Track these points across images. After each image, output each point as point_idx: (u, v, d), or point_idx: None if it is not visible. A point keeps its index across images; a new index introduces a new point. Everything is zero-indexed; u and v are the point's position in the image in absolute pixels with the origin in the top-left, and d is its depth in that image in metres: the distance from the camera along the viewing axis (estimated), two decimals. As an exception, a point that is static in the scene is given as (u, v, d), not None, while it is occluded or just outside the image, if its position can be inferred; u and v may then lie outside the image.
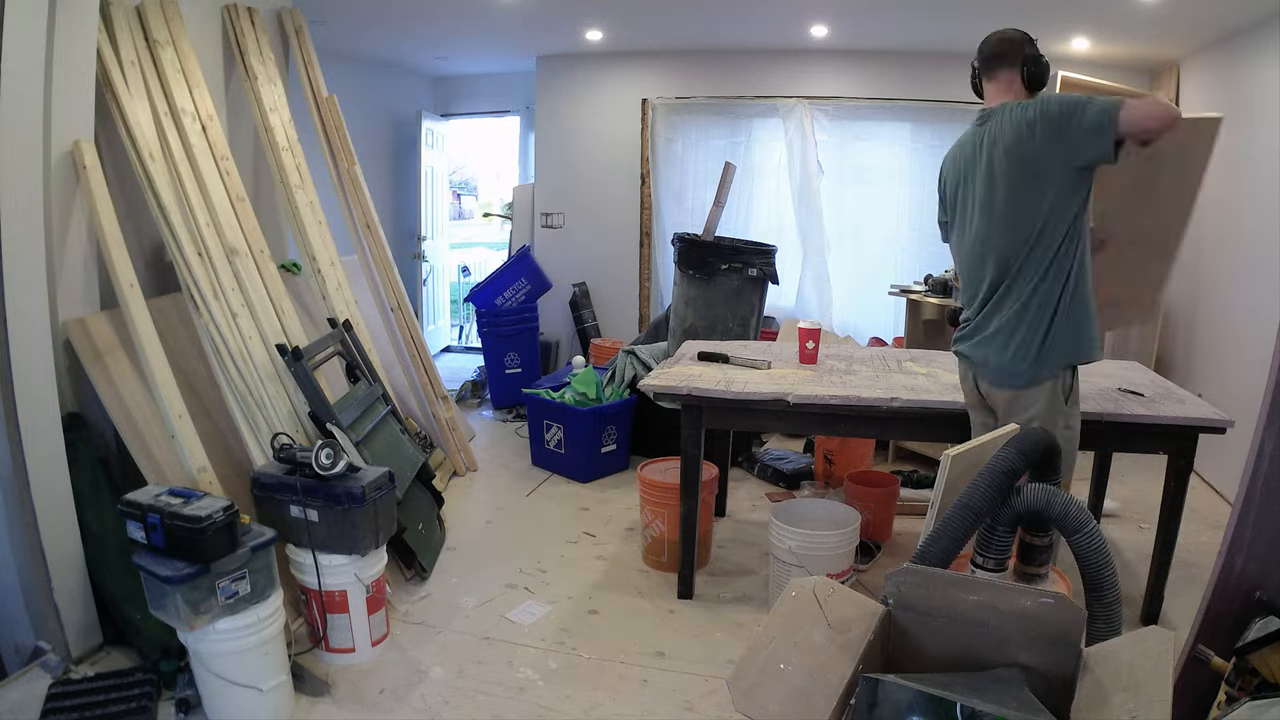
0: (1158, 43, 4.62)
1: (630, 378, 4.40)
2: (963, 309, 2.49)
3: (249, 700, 2.18)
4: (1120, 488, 3.98)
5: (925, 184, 5.61)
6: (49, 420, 2.38)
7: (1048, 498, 1.92)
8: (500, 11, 4.68)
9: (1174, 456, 2.67)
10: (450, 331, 7.55)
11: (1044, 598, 1.29)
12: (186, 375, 2.76)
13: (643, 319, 6.21)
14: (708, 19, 4.88)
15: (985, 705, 1.08)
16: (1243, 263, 4.07)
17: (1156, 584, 2.78)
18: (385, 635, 2.67)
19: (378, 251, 4.07)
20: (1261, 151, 3.90)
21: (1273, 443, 1.81)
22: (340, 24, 4.82)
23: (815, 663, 1.22)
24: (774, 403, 2.77)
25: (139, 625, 2.39)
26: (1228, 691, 1.69)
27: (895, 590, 1.36)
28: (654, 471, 3.31)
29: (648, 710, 2.38)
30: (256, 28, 3.60)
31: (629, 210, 6.09)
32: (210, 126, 3.10)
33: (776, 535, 2.84)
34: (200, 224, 2.85)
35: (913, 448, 4.45)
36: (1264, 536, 1.82)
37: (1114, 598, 1.77)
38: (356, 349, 3.31)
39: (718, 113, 5.84)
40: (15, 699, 2.15)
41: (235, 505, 2.19)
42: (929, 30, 4.84)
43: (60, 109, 2.49)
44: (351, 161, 4.01)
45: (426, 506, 3.33)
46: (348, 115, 4.05)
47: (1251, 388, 1.96)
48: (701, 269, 4.24)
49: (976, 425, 2.45)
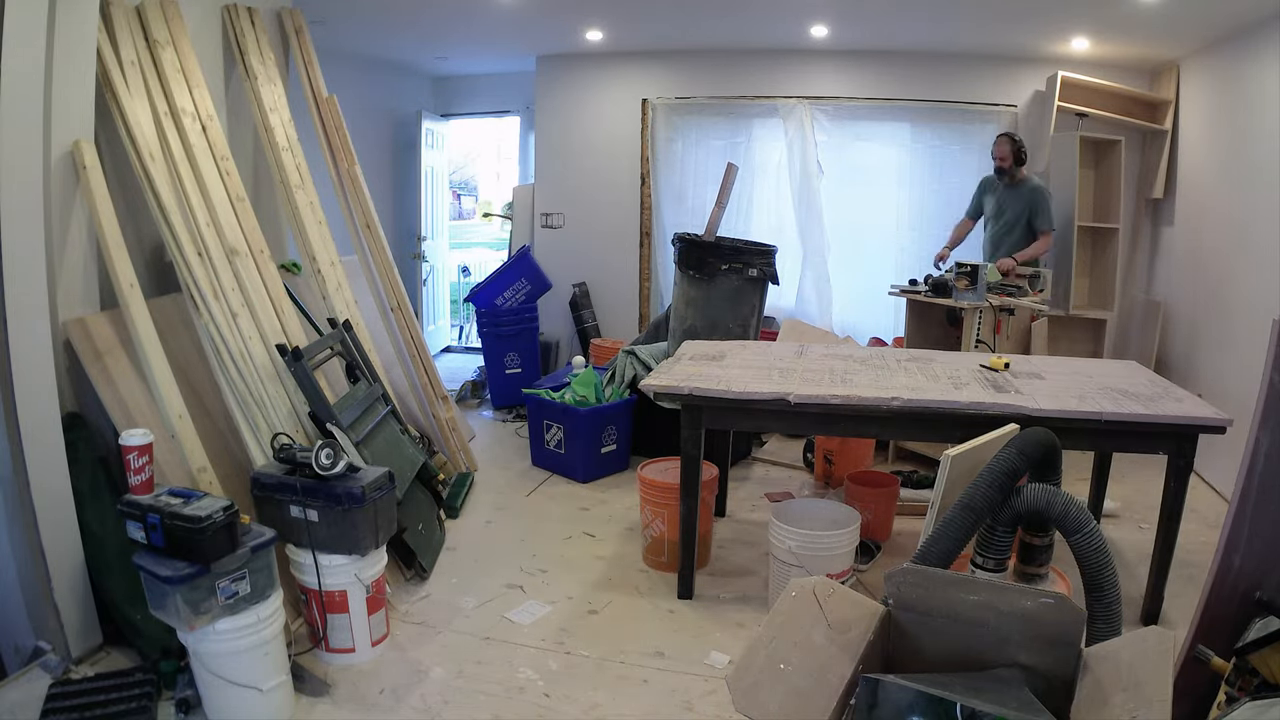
0: (1158, 43, 4.62)
1: (630, 378, 4.39)
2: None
3: (249, 700, 2.18)
4: (1120, 488, 3.98)
5: (925, 184, 5.63)
6: (49, 420, 2.38)
7: (1048, 498, 1.92)
8: (500, 11, 4.68)
9: (1174, 456, 2.67)
10: (450, 332, 7.55)
11: (1044, 598, 1.29)
12: (186, 375, 2.76)
13: (643, 319, 6.21)
14: (708, 19, 4.88)
15: (985, 705, 1.08)
16: (1242, 263, 4.07)
17: (1156, 584, 2.78)
18: (385, 635, 2.67)
19: (378, 252, 4.07)
20: (1261, 151, 3.90)
21: (1268, 441, 1.81)
22: (340, 24, 4.82)
23: (815, 663, 1.22)
24: (774, 403, 2.77)
25: (139, 625, 2.39)
26: (1228, 691, 1.69)
27: (895, 590, 1.36)
28: (654, 471, 3.31)
29: (648, 710, 2.38)
30: (256, 28, 3.60)
31: (629, 210, 6.09)
32: (210, 126, 3.10)
33: (776, 535, 2.84)
34: (200, 224, 2.85)
35: (913, 448, 4.45)
36: (1261, 535, 1.82)
37: (1114, 597, 1.77)
38: (356, 349, 3.31)
39: (718, 113, 5.84)
40: (15, 699, 2.15)
41: (235, 505, 2.19)
42: (929, 30, 4.84)
43: (60, 109, 2.49)
44: (351, 161, 4.01)
45: (426, 506, 3.33)
46: (348, 115, 4.05)
47: (1251, 388, 1.96)
48: (702, 269, 4.24)
49: None
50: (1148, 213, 5.30)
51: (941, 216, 5.59)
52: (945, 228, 5.59)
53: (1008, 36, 4.80)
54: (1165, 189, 5.05)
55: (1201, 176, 4.67)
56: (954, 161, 5.53)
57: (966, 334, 4.11)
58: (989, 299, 4.08)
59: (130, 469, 2.33)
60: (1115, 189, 4.91)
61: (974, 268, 4.09)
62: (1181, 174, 4.91)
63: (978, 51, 5.20)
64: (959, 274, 4.14)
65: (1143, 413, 2.61)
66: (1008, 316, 4.14)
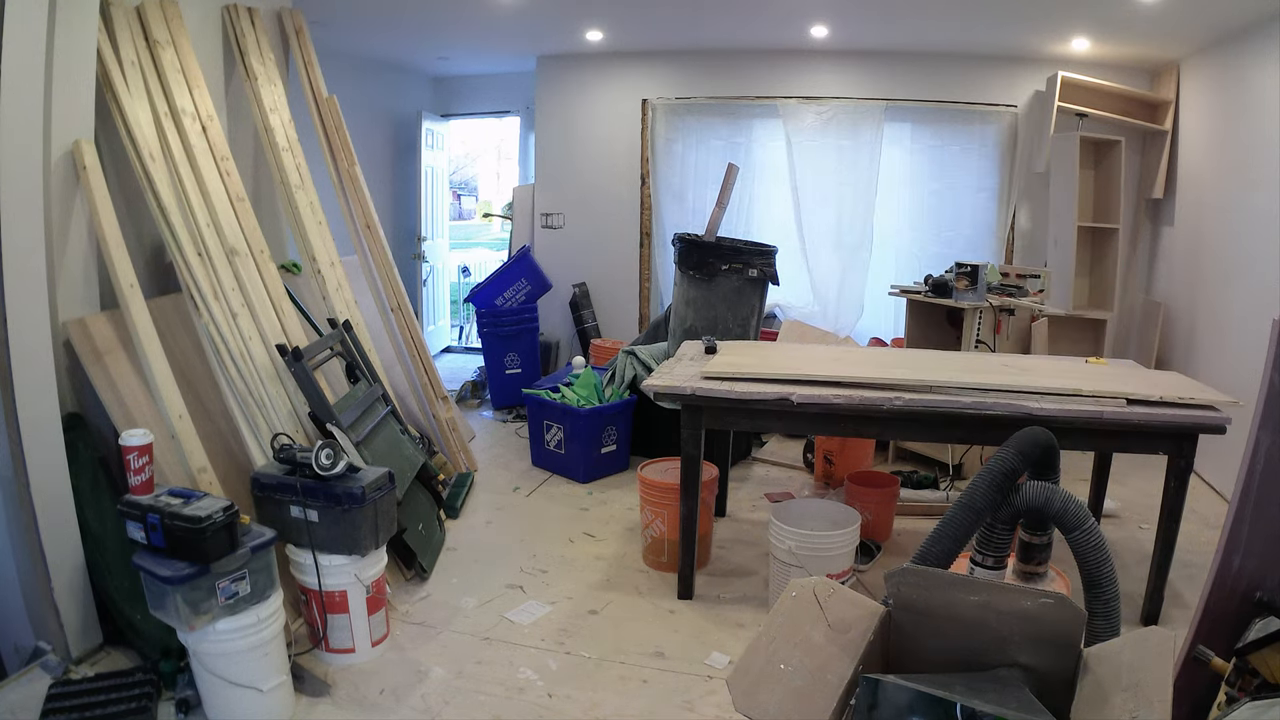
0: (1158, 43, 4.62)
1: (630, 378, 4.39)
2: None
3: (249, 700, 2.18)
4: (1120, 488, 3.98)
5: (925, 184, 5.62)
6: (49, 420, 2.38)
7: (1047, 495, 1.92)
8: (500, 11, 4.68)
9: (1174, 457, 2.67)
10: (450, 332, 7.55)
11: (1044, 598, 1.29)
12: (186, 375, 2.76)
13: (643, 319, 6.21)
14: (708, 19, 4.88)
15: (985, 705, 1.08)
16: (1242, 263, 4.07)
17: (1156, 584, 2.77)
18: (385, 635, 2.67)
19: (378, 252, 4.07)
20: (1261, 151, 3.90)
21: (1268, 441, 1.81)
22: (340, 24, 4.82)
23: (815, 663, 1.22)
24: (775, 402, 2.77)
25: (139, 625, 2.39)
26: (1228, 692, 1.69)
27: (895, 590, 1.36)
28: (654, 471, 3.31)
29: (648, 710, 2.38)
30: (256, 28, 3.60)
31: (629, 210, 6.09)
32: (210, 127, 3.10)
33: (776, 535, 2.84)
34: (200, 224, 2.85)
35: (913, 448, 4.45)
36: (1261, 535, 1.82)
37: (1113, 594, 1.77)
38: (356, 349, 3.31)
39: (718, 113, 5.84)
40: (15, 699, 2.15)
41: (235, 505, 2.19)
42: (929, 30, 4.84)
43: (60, 109, 2.49)
44: (352, 162, 4.01)
45: (426, 507, 3.33)
46: (348, 115, 4.05)
47: (1251, 388, 1.96)
48: (702, 269, 4.24)
49: None
50: (1148, 213, 5.30)
51: (941, 217, 5.60)
52: (945, 228, 5.60)
53: (1008, 36, 4.80)
54: (1165, 189, 5.05)
55: (1201, 176, 4.67)
56: (954, 162, 5.53)
57: (966, 334, 4.11)
58: (989, 299, 4.08)
59: (130, 469, 2.33)
60: (1115, 189, 4.91)
61: (974, 268, 4.09)
62: (1181, 174, 4.91)
63: (978, 52, 5.20)
64: (959, 274, 4.14)
65: (1143, 412, 2.61)
66: (1008, 316, 4.14)
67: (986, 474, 1.91)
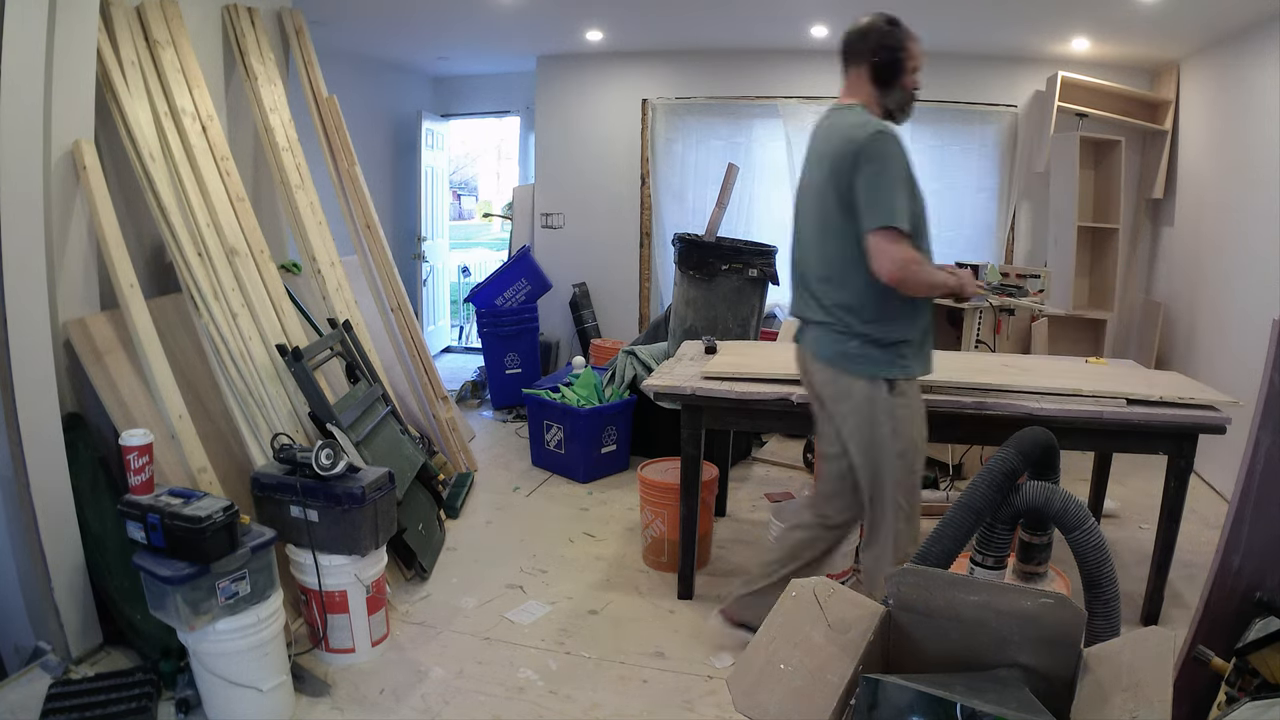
0: (1158, 43, 4.62)
1: (630, 378, 4.39)
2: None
3: (249, 700, 2.18)
4: (1120, 488, 3.98)
5: (925, 184, 5.59)
6: (49, 420, 2.38)
7: (1046, 495, 1.92)
8: (500, 11, 4.68)
9: (1174, 457, 2.67)
10: (450, 332, 7.54)
11: (1044, 598, 1.29)
12: (186, 375, 2.76)
13: (643, 319, 6.21)
14: (708, 19, 4.88)
15: (985, 706, 1.08)
16: (1242, 263, 4.07)
17: (1156, 584, 2.77)
18: (385, 635, 2.67)
19: (378, 252, 4.07)
20: (1261, 151, 3.90)
21: (1268, 441, 1.81)
22: (340, 24, 4.82)
23: (815, 663, 1.22)
24: (775, 403, 2.77)
25: (139, 625, 2.39)
26: (1228, 692, 1.69)
27: (895, 590, 1.36)
28: (654, 471, 3.31)
29: (648, 710, 2.38)
30: (256, 28, 3.60)
31: (629, 210, 6.09)
32: (210, 127, 3.10)
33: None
34: (200, 224, 2.85)
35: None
36: (1261, 535, 1.82)
37: (1113, 594, 1.77)
38: (356, 349, 3.31)
39: (718, 113, 5.84)
40: (15, 699, 2.15)
41: (235, 505, 2.19)
42: (929, 30, 4.76)
43: (60, 109, 2.49)
44: (351, 162, 4.01)
45: (426, 506, 3.33)
46: (348, 115, 4.05)
47: (1251, 388, 1.96)
48: (702, 269, 4.24)
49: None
50: (1148, 213, 5.30)
51: (941, 217, 5.59)
52: (945, 228, 5.59)
53: (1008, 36, 4.80)
54: (1165, 189, 5.05)
55: (1201, 177, 4.67)
56: (954, 161, 5.53)
57: (966, 334, 4.11)
58: (989, 299, 4.08)
59: (130, 469, 2.33)
60: (1115, 189, 4.91)
61: (974, 268, 4.09)
62: (1181, 174, 4.91)
63: (977, 51, 5.20)
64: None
65: (1143, 412, 2.61)
66: (1008, 316, 4.14)
67: (986, 474, 1.91)
